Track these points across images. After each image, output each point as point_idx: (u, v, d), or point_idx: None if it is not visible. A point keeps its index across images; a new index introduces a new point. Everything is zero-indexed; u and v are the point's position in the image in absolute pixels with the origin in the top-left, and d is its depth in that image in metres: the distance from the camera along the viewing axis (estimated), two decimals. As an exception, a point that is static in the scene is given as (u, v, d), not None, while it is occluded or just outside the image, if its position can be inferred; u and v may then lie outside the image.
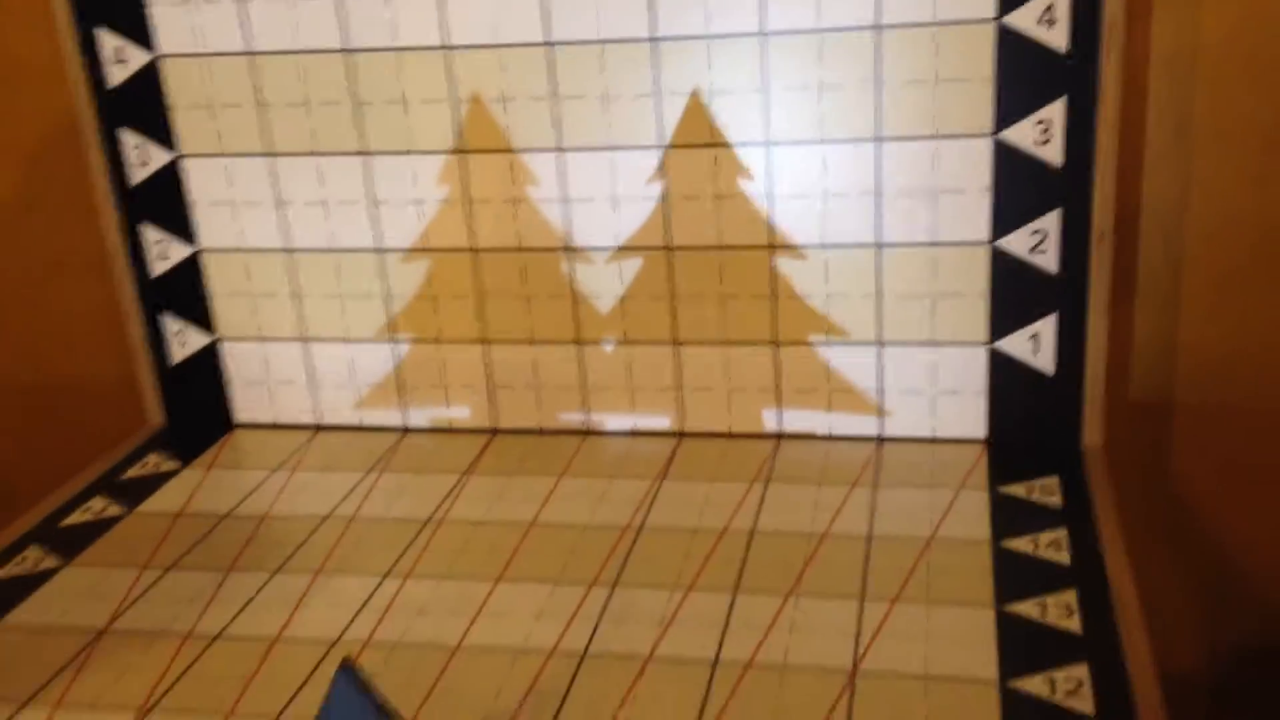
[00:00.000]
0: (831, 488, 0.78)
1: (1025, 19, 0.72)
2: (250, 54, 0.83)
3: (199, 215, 0.88)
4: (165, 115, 0.86)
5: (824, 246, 0.80)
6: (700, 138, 0.79)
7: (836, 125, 0.77)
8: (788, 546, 0.72)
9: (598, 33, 0.78)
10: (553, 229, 0.83)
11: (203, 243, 0.89)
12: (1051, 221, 0.76)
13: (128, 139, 0.87)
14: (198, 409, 0.94)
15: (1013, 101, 0.74)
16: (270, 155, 0.85)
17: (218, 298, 0.91)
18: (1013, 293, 0.78)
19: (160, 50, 0.84)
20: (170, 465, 0.89)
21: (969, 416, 0.82)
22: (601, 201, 0.82)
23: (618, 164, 0.81)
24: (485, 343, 0.88)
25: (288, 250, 0.88)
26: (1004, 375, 0.80)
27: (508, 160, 0.82)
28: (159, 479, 0.87)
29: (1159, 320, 0.82)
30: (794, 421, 0.85)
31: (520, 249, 0.84)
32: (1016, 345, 0.79)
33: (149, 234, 0.90)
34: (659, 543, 0.74)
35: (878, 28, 0.74)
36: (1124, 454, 0.81)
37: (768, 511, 0.76)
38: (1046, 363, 0.79)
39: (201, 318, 0.91)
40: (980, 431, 0.82)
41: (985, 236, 0.77)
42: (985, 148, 0.75)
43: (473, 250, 0.85)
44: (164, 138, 0.86)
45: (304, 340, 0.91)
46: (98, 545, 0.78)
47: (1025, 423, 0.80)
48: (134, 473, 0.88)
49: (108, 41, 0.85)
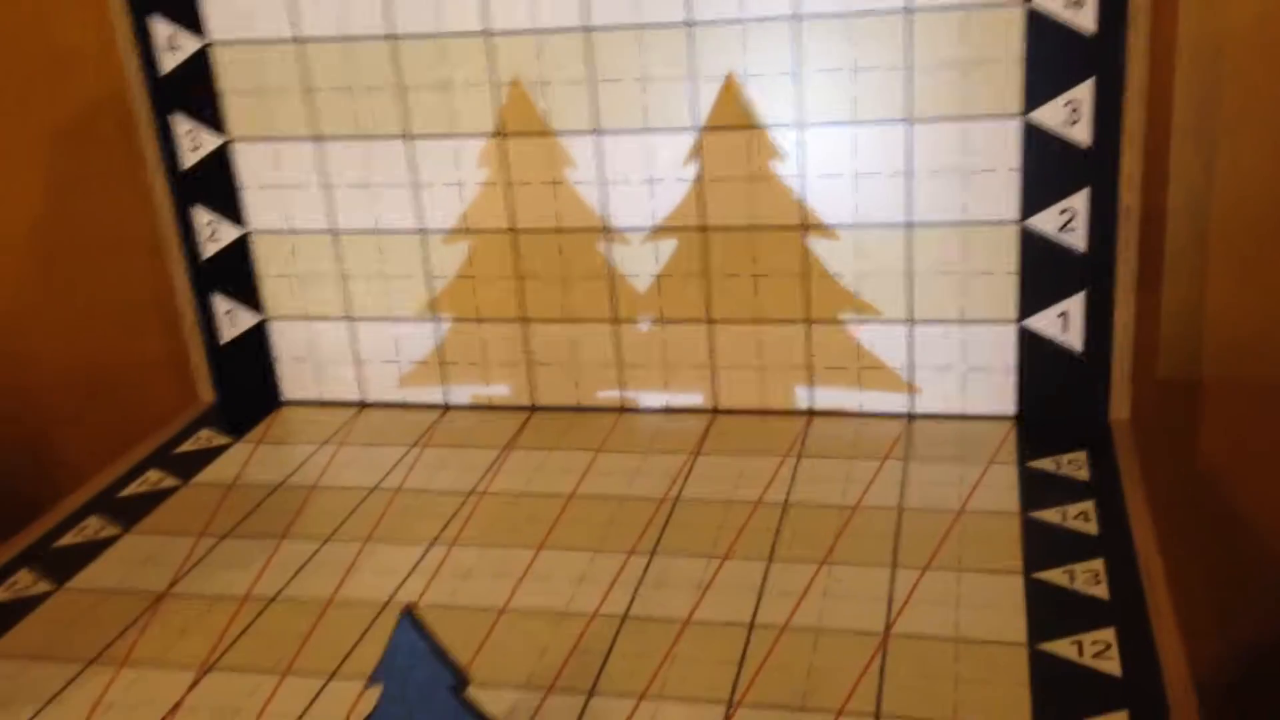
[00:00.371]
0: (863, 462, 0.80)
1: (1053, 1, 0.74)
2: (298, 40, 0.85)
3: (248, 198, 0.91)
4: (216, 100, 0.88)
5: (855, 226, 0.82)
6: (734, 120, 0.81)
7: (868, 107, 0.78)
8: (820, 518, 0.74)
9: (635, 17, 0.80)
10: (590, 210, 0.86)
11: (252, 224, 0.92)
12: (1080, 201, 0.77)
13: (180, 124, 0.90)
14: (247, 386, 0.97)
15: (1041, 83, 0.75)
16: (317, 139, 0.88)
17: (266, 278, 0.93)
18: (1042, 271, 0.79)
19: (211, 37, 0.87)
20: (221, 440, 0.92)
21: (998, 393, 0.83)
22: (637, 183, 0.84)
23: (653, 146, 0.83)
24: (524, 321, 0.90)
25: (333, 232, 0.91)
26: (1033, 352, 0.81)
27: (547, 143, 0.84)
28: (211, 453, 0.90)
29: (1186, 298, 0.84)
30: (825, 398, 0.87)
31: (558, 230, 0.87)
32: (1045, 323, 0.81)
33: (200, 216, 0.93)
34: (695, 514, 0.76)
35: (909, 10, 0.76)
36: (1151, 429, 0.82)
37: (800, 484, 0.78)
38: (1075, 340, 0.80)
39: (250, 297, 0.94)
40: (1009, 408, 0.84)
41: (1015, 216, 0.79)
42: (1014, 128, 0.76)
43: (512, 231, 0.88)
44: (214, 122, 0.89)
45: (349, 319, 0.93)
46: (155, 514, 0.81)
47: (1054, 399, 0.82)
48: (187, 447, 0.91)
49: (160, 29, 0.88)
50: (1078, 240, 0.78)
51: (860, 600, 0.65)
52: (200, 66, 0.88)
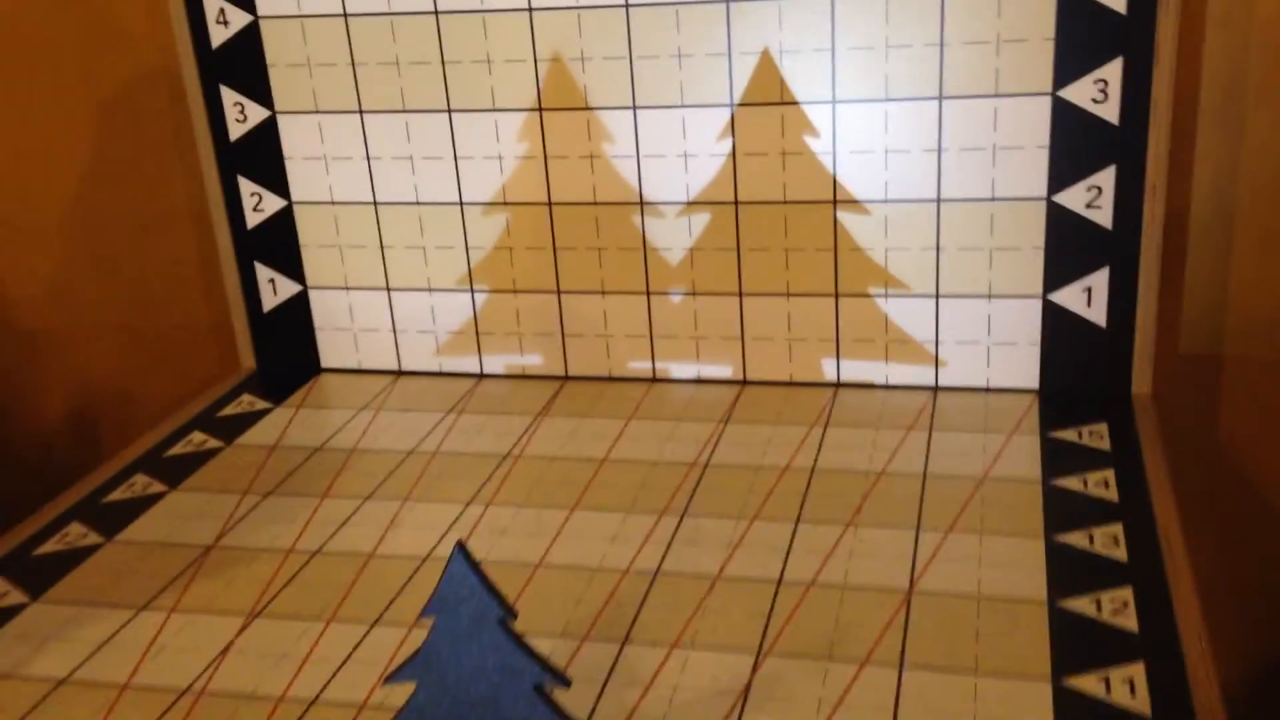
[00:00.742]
0: (888, 431, 0.82)
1: (1085, -19, 0.75)
2: (345, 16, 0.88)
3: (292, 169, 0.94)
4: (264, 74, 0.91)
5: (885, 201, 0.83)
6: (769, 96, 0.83)
7: (900, 84, 0.80)
8: (847, 482, 0.76)
9: (672, -4, 0.82)
10: (626, 184, 0.88)
11: (295, 196, 0.95)
12: (1107, 178, 0.79)
13: (228, 96, 0.93)
14: (287, 354, 1.00)
15: (1071, 61, 0.77)
16: (361, 113, 0.90)
17: (308, 248, 0.96)
18: (1068, 247, 0.81)
19: (260, 12, 0.90)
20: (263, 405, 0.95)
21: (1023, 367, 0.85)
22: (673, 158, 0.86)
23: (689, 122, 0.85)
24: (559, 293, 0.92)
25: (374, 203, 0.93)
26: (1057, 327, 0.83)
27: (585, 118, 0.87)
28: (253, 416, 0.93)
29: (1209, 274, 0.85)
30: (852, 371, 0.89)
31: (594, 203, 0.89)
32: (1070, 298, 0.82)
33: (245, 187, 0.95)
34: (725, 478, 0.78)
35: (942, -10, 0.78)
36: (1172, 403, 0.84)
37: (827, 451, 0.80)
38: (1099, 315, 0.82)
39: (292, 267, 0.97)
40: (1033, 382, 0.85)
41: (1042, 192, 0.80)
42: (1044, 106, 0.78)
43: (549, 204, 0.90)
44: (262, 95, 0.92)
45: (388, 289, 0.96)
46: (201, 473, 0.84)
47: (1077, 373, 0.84)
48: (229, 411, 0.94)
49: (211, 4, 0.90)
50: (1104, 217, 0.80)
51: (885, 559, 0.67)
52: (249, 41, 0.91)
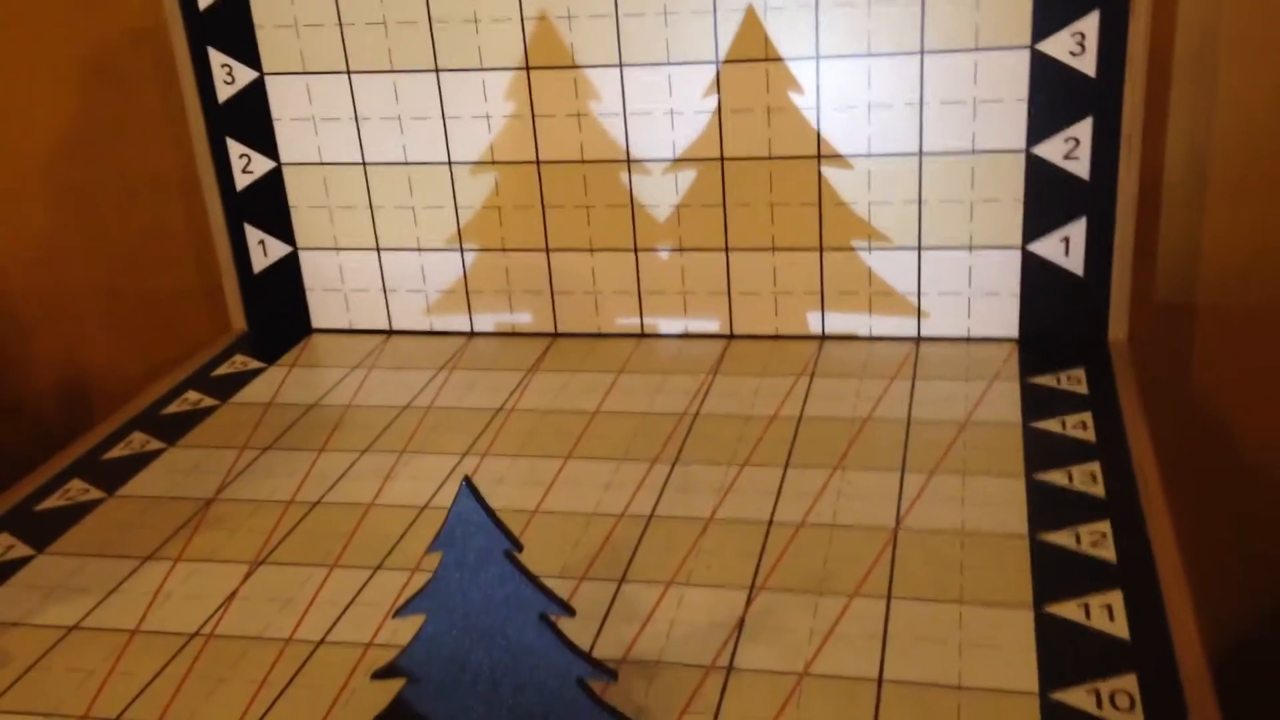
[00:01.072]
0: (873, 380, 0.84)
1: (1062, -64, 0.77)
2: (332, -24, 0.89)
3: (281, 131, 0.94)
4: (251, 35, 0.92)
5: (868, 156, 0.85)
6: (754, 53, 0.84)
7: (882, 39, 0.82)
8: (833, 429, 0.78)
9: (657, -46, 0.83)
10: (613, 142, 0.89)
11: (284, 157, 0.95)
12: (1084, 130, 0.81)
13: (216, 59, 0.93)
14: (278, 315, 1.01)
15: (1049, 14, 0.79)
16: (349, 73, 0.91)
17: (298, 209, 0.97)
18: (1046, 198, 0.83)
19: (246, -27, 0.90)
20: (256, 365, 0.96)
21: (1003, 316, 0.87)
22: (659, 115, 0.87)
23: (675, 79, 0.86)
24: (547, 250, 0.94)
25: (363, 164, 0.94)
26: (1036, 276, 0.85)
27: (572, 76, 0.88)
28: (247, 375, 0.94)
29: (1184, 223, 0.88)
30: (837, 323, 0.91)
31: (582, 161, 0.90)
32: (1049, 248, 0.84)
33: (234, 149, 0.96)
34: (714, 427, 0.80)
35: (922, -54, 0.79)
36: (1148, 349, 0.87)
37: (814, 401, 0.82)
38: (1077, 264, 0.84)
39: (282, 229, 0.98)
40: (1013, 331, 0.87)
41: (1021, 144, 0.82)
42: (1023, 59, 0.80)
43: (537, 162, 0.91)
44: (250, 57, 0.92)
45: (378, 250, 0.97)
46: (198, 430, 0.85)
47: (1056, 322, 0.86)
48: (223, 370, 0.95)
49: (197, -34, 0.91)
50: (1081, 168, 0.82)
51: (872, 500, 0.70)
52: (236, 2, 0.91)
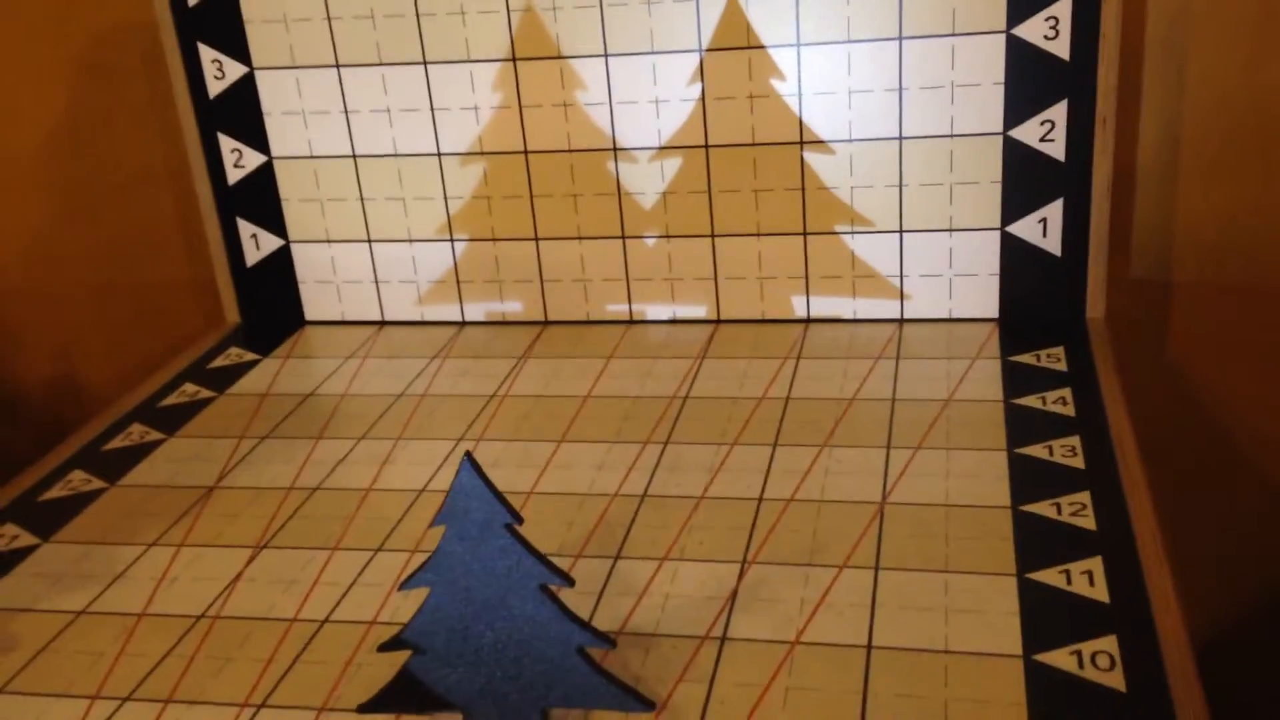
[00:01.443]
0: (858, 361, 0.86)
1: (1035, -77, 0.79)
2: (320, -29, 0.90)
3: (272, 125, 0.96)
4: (241, 30, 0.93)
5: (850, 141, 0.87)
6: (736, 41, 0.86)
7: (861, 26, 0.83)
8: (820, 409, 0.80)
9: (640, -55, 0.84)
10: (600, 131, 0.91)
11: (275, 151, 0.97)
12: (1059, 112, 0.83)
13: (206, 54, 0.94)
14: (271, 307, 1.02)
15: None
16: (338, 67, 0.93)
17: (289, 203, 0.98)
18: (1023, 180, 0.85)
19: (235, -30, 0.91)
20: (250, 357, 0.97)
21: (983, 297, 0.89)
22: (645, 104, 0.89)
23: (660, 68, 0.88)
24: (537, 239, 0.95)
25: (354, 156, 0.96)
26: (1015, 257, 0.87)
27: (558, 66, 0.89)
28: (242, 367, 0.95)
29: (1158, 202, 0.90)
30: (821, 307, 0.93)
31: (569, 150, 0.92)
32: (1026, 229, 0.86)
33: (225, 143, 0.97)
34: (704, 409, 0.82)
35: (899, -65, 0.81)
36: (1125, 326, 0.89)
37: (800, 382, 0.84)
38: (1054, 245, 0.86)
39: (274, 222, 0.99)
40: (993, 311, 0.89)
41: (999, 128, 0.84)
42: (999, 44, 0.82)
43: (525, 152, 0.93)
44: (240, 52, 0.94)
45: (369, 241, 0.98)
46: (196, 421, 0.87)
47: (1035, 301, 0.88)
48: (218, 363, 0.96)
49: (185, -37, 0.92)
50: (1057, 150, 0.84)
51: (859, 476, 0.71)
52: (224, -2, 0.92)
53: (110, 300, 1.13)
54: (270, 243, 1.00)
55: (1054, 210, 0.85)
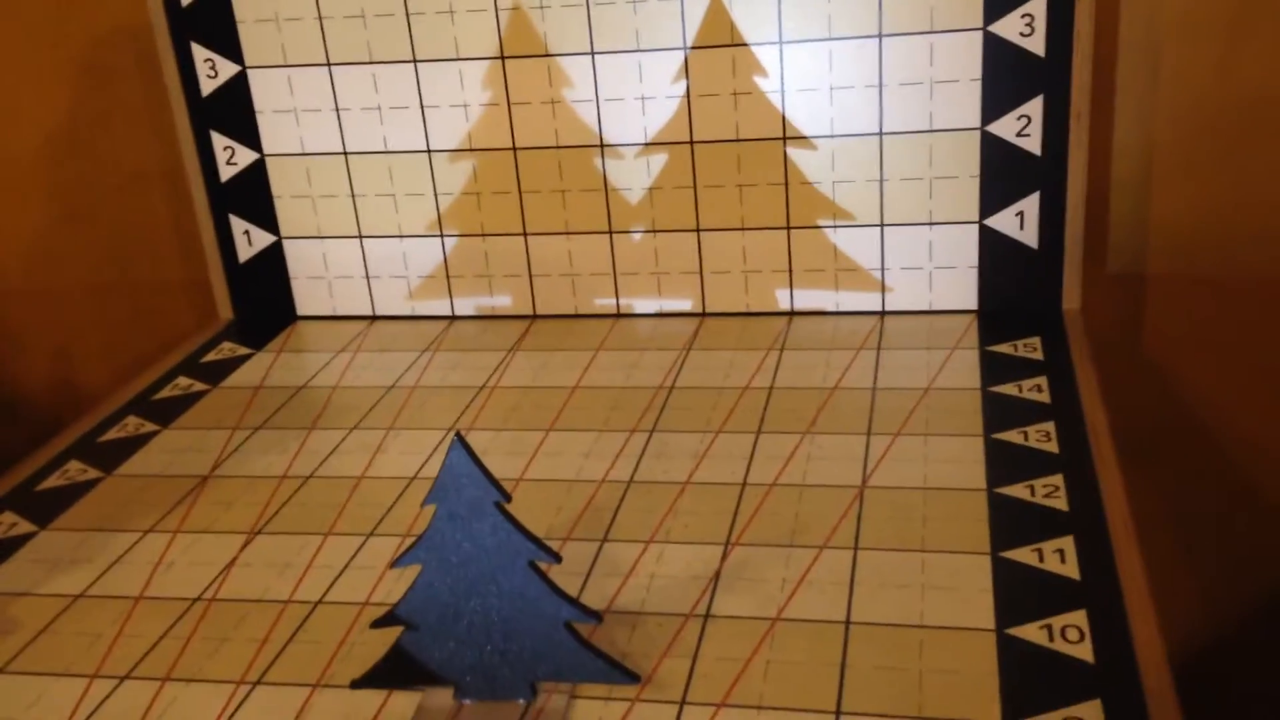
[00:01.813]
0: (840, 352, 0.88)
1: (1010, -77, 0.81)
2: (311, -29, 0.91)
3: (264, 123, 0.97)
4: (233, 30, 0.94)
5: (831, 137, 0.89)
6: (720, 39, 0.87)
7: (842, 24, 0.85)
8: (803, 397, 0.82)
9: (626, -54, 0.86)
10: (587, 128, 0.92)
11: (267, 149, 0.98)
12: (1035, 108, 0.85)
13: (198, 53, 0.96)
14: (264, 303, 1.04)
15: (1000, -1, 0.83)
16: (329, 65, 0.94)
17: (281, 200, 1.00)
18: (1001, 174, 0.87)
19: (228, -30, 0.93)
20: (243, 351, 0.98)
21: (962, 289, 0.91)
22: (631, 101, 0.91)
23: (645, 65, 0.89)
24: (525, 235, 0.97)
25: (345, 154, 0.97)
26: (993, 250, 0.89)
27: (545, 64, 0.91)
28: (235, 361, 0.97)
29: (1133, 196, 0.92)
30: (805, 299, 0.95)
31: (557, 147, 0.94)
32: (1004, 222, 0.88)
33: (218, 141, 0.99)
34: (689, 399, 0.83)
35: (878, -65, 0.83)
36: (1100, 318, 0.91)
37: (784, 372, 0.86)
38: (1031, 237, 0.88)
39: (267, 219, 1.01)
40: (972, 303, 0.91)
41: (976, 123, 0.86)
42: (976, 41, 0.84)
43: (513, 149, 0.94)
44: (232, 51, 0.95)
45: (360, 237, 1.00)
46: (190, 413, 0.88)
47: (1012, 293, 0.90)
48: (212, 357, 0.98)
49: (179, -37, 0.93)
50: (1033, 145, 0.86)
51: (840, 461, 0.73)
52: (217, -2, 0.94)
53: (107, 300, 1.14)
54: (263, 239, 1.01)
55: (1030, 204, 0.87)
